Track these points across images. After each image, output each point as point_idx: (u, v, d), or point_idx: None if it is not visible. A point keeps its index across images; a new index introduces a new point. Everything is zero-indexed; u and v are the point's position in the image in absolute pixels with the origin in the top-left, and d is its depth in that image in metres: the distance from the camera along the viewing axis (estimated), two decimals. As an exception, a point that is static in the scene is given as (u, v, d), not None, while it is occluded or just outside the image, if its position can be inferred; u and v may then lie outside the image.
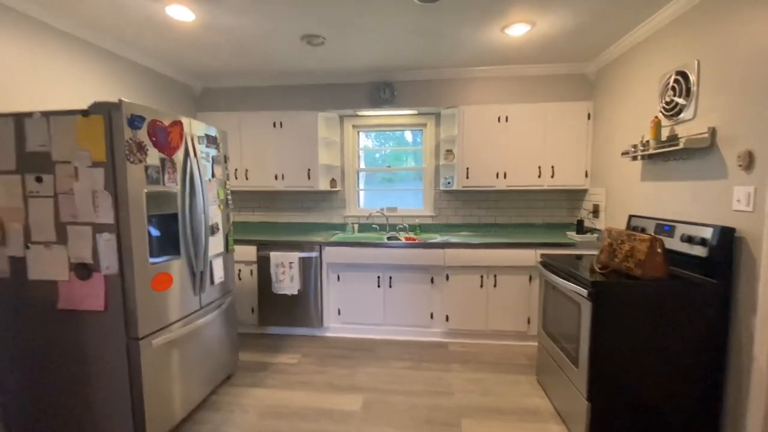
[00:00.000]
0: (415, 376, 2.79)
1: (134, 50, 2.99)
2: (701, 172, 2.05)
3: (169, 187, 2.07)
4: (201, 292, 2.37)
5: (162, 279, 2.03)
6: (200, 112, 3.82)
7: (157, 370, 2.00)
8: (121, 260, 1.86)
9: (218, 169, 2.54)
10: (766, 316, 1.66)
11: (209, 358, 2.45)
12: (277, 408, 2.40)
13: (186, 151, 2.20)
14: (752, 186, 1.73)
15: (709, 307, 1.85)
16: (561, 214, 3.81)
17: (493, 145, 3.48)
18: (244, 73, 3.59)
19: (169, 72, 3.44)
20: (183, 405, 2.20)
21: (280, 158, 3.70)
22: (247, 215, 4.18)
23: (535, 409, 2.37)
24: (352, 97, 3.69)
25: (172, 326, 2.12)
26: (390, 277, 3.40)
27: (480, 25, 2.55)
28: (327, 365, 2.95)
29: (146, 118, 1.90)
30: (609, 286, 1.88)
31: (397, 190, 4.15)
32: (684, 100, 2.16)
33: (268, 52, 3.03)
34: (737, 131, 1.82)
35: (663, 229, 2.22)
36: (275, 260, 3.39)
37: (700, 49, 2.08)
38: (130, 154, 1.82)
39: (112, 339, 1.90)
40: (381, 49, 3.00)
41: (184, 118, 2.19)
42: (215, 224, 2.49)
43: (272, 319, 3.52)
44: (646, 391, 1.90)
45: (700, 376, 1.88)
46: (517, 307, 3.28)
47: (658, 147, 2.26)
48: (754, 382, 1.71)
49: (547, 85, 3.47)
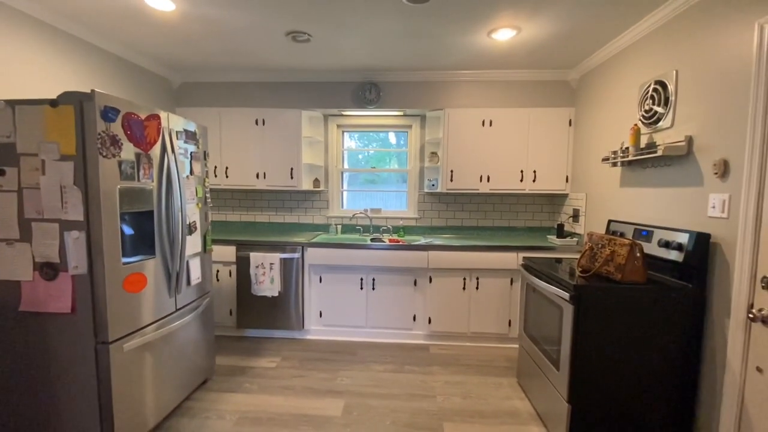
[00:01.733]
0: (397, 379, 2.76)
1: (109, 40, 2.86)
2: (678, 179, 2.11)
3: (144, 184, 1.98)
4: (177, 294, 2.27)
5: (135, 280, 1.93)
6: (179, 107, 3.69)
7: (128, 375, 1.91)
8: (91, 259, 1.76)
9: (197, 165, 2.46)
10: (739, 320, 1.71)
11: (184, 363, 2.36)
12: (254, 413, 2.33)
13: (163, 147, 2.11)
14: (727, 193, 1.79)
15: (685, 310, 1.90)
16: (542, 217, 3.87)
17: (477, 149, 3.50)
18: (226, 67, 3.50)
19: (146, 64, 3.31)
20: (156, 411, 2.11)
21: (262, 156, 3.61)
22: (226, 214, 4.07)
23: (516, 411, 2.38)
24: (337, 96, 3.64)
25: (146, 329, 2.02)
26: (373, 279, 3.37)
27: (467, 28, 2.56)
28: (307, 369, 2.89)
29: (121, 111, 1.81)
30: (590, 290, 1.90)
31: (381, 191, 4.12)
32: (662, 108, 2.22)
33: (251, 46, 2.96)
34: (713, 140, 1.88)
35: (641, 234, 2.27)
36: (255, 261, 3.30)
37: (678, 59, 2.14)
38: (102, 147, 1.73)
39: (80, 343, 1.80)
40: (368, 49, 2.97)
41: (162, 111, 2.10)
42: (193, 223, 2.40)
43: (251, 322, 3.43)
44: (625, 393, 1.93)
45: (676, 378, 1.92)
46: (498, 310, 3.30)
47: (637, 154, 2.32)
48: (727, 383, 1.77)
49: (531, 90, 3.52)
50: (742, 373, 1.70)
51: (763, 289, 1.61)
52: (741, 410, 1.71)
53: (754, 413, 1.64)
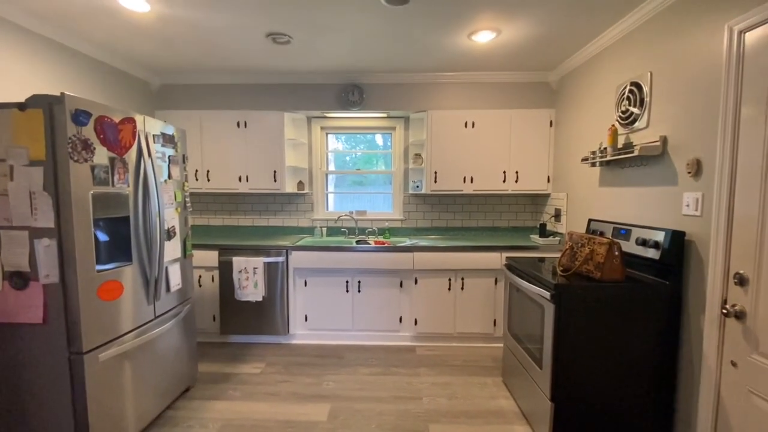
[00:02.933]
0: (383, 381, 2.75)
1: (84, 42, 2.78)
2: (654, 179, 2.16)
3: (119, 189, 1.93)
4: (156, 301, 2.22)
5: (110, 287, 1.88)
6: (158, 110, 3.62)
7: (104, 385, 1.85)
8: (63, 268, 1.71)
9: (175, 169, 2.41)
10: (713, 316, 1.75)
11: (165, 371, 2.31)
12: (238, 421, 2.28)
13: (139, 151, 2.06)
14: (700, 192, 1.83)
15: (662, 307, 1.94)
16: (525, 217, 3.91)
17: (461, 150, 3.52)
18: (206, 69, 3.44)
19: (124, 66, 3.24)
20: (135, 422, 2.05)
21: (244, 159, 3.57)
22: (209, 218, 4.00)
23: (501, 410, 2.39)
24: (320, 98, 3.62)
25: (123, 338, 1.97)
26: (359, 281, 3.35)
27: (448, 30, 2.57)
28: (293, 374, 2.86)
29: (93, 114, 1.76)
30: (571, 288, 1.93)
31: (365, 192, 4.11)
32: (638, 109, 2.27)
33: (231, 48, 2.92)
34: (686, 140, 1.93)
35: (620, 233, 2.31)
36: (238, 266, 3.25)
37: (652, 61, 2.19)
38: (73, 152, 1.68)
39: (53, 354, 1.74)
40: (349, 51, 2.96)
41: (138, 115, 2.05)
42: (172, 228, 2.35)
43: (235, 328, 3.37)
44: (606, 389, 1.96)
45: (655, 373, 1.96)
46: (483, 310, 3.32)
47: (614, 154, 2.36)
48: (704, 377, 1.81)
49: (512, 92, 3.56)
50: (717, 368, 1.75)
51: (736, 285, 1.65)
52: (717, 403, 1.75)
53: (729, 405, 1.69)
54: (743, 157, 1.62)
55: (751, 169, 1.58)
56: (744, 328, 1.62)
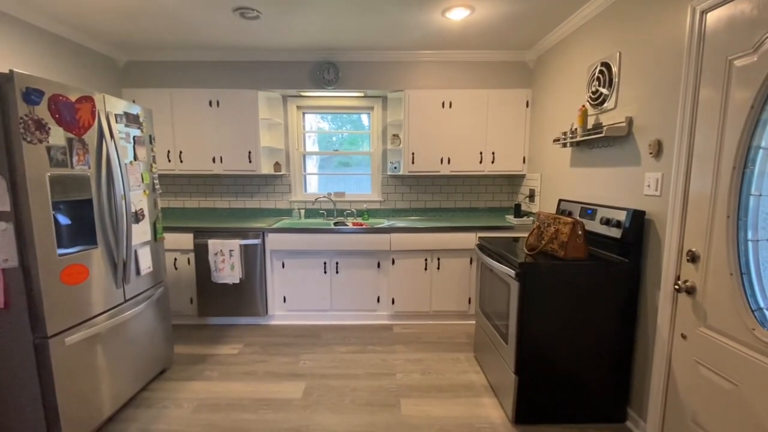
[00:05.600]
0: (359, 359, 2.81)
1: (42, 15, 2.63)
2: (620, 159, 2.20)
3: (79, 171, 1.87)
4: (125, 284, 2.20)
5: (74, 271, 1.85)
6: (126, 88, 3.48)
7: (73, 368, 1.85)
8: (22, 252, 1.67)
9: (141, 150, 2.34)
10: (667, 291, 1.83)
11: (138, 353, 2.31)
12: (214, 400, 2.32)
13: (100, 131, 2.00)
14: (660, 172, 1.88)
15: (622, 284, 2.01)
16: (502, 198, 3.96)
17: (438, 131, 3.51)
18: (175, 45, 3.31)
19: (87, 42, 3.09)
20: (109, 403, 2.07)
21: (217, 140, 3.49)
22: (184, 201, 3.93)
23: (471, 384, 2.48)
24: (294, 76, 3.53)
25: (91, 321, 1.96)
26: (336, 262, 3.37)
27: (421, 5, 2.51)
28: (270, 354, 2.90)
29: (46, 93, 1.69)
30: (534, 267, 1.98)
31: (343, 174, 4.08)
32: (607, 90, 2.29)
33: (197, 23, 2.80)
34: (649, 121, 1.96)
35: (587, 213, 2.36)
36: (214, 248, 3.23)
37: (621, 41, 2.19)
38: (26, 132, 1.62)
39: (17, 339, 1.72)
40: (321, 26, 2.88)
41: (97, 93, 1.98)
42: (139, 211, 2.31)
43: (213, 310, 3.38)
44: (568, 362, 2.05)
45: (614, 348, 2.05)
46: (459, 288, 3.39)
47: (584, 135, 2.39)
48: (657, 350, 1.90)
49: (490, 71, 3.53)
50: (669, 340, 1.84)
51: (688, 262, 1.72)
52: (668, 374, 1.85)
53: (679, 375, 1.78)
54: (700, 137, 1.66)
55: (707, 149, 1.63)
56: (694, 302, 1.70)
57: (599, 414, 2.10)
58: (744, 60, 1.46)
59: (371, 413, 2.20)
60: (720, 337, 1.57)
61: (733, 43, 1.51)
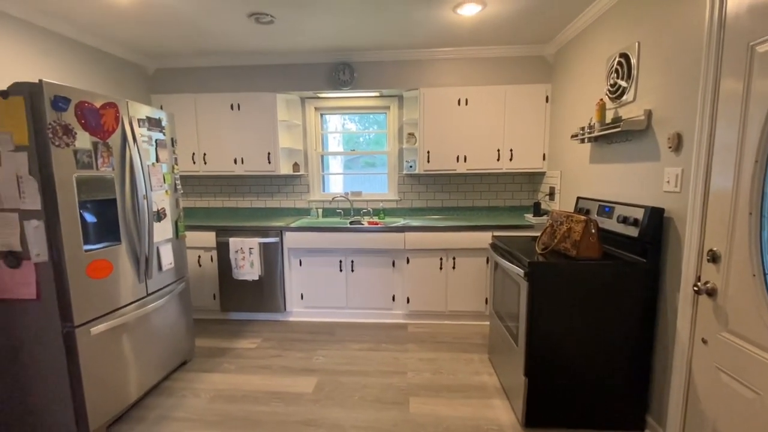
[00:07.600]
0: (372, 357, 2.83)
1: (76, 29, 2.83)
2: (638, 154, 2.09)
3: (103, 172, 2.00)
4: (147, 279, 2.33)
5: (99, 266, 1.98)
6: (154, 94, 3.68)
7: (97, 357, 1.98)
8: (52, 247, 1.81)
9: (163, 153, 2.47)
10: (687, 293, 1.73)
11: (160, 345, 2.44)
12: (229, 392, 2.41)
13: (123, 135, 2.12)
14: (680, 167, 1.78)
15: (639, 285, 1.92)
16: (522, 196, 3.86)
17: (454, 128, 3.47)
18: (197, 52, 3.46)
19: (119, 52, 3.29)
20: (131, 390, 2.20)
21: (239, 141, 3.62)
22: (209, 201, 4.10)
23: (482, 385, 2.44)
24: (310, 78, 3.61)
25: (115, 313, 2.09)
26: (352, 261, 3.41)
27: (430, 3, 2.50)
28: (286, 349, 2.97)
29: (72, 100, 1.82)
30: (544, 266, 1.92)
31: (358, 174, 4.12)
32: (626, 82, 2.18)
33: (213, 30, 2.92)
34: (669, 113, 1.86)
35: (604, 211, 2.27)
36: (234, 246, 3.35)
37: (640, 31, 2.09)
38: (54, 137, 1.75)
39: (47, 328, 1.86)
40: (335, 28, 2.92)
41: (121, 99, 2.11)
42: (161, 210, 2.44)
43: (234, 305, 3.50)
44: (580, 365, 1.97)
45: (630, 351, 1.96)
46: (475, 288, 3.34)
47: (601, 129, 2.29)
48: (677, 354, 1.80)
49: (506, 67, 3.46)
50: (690, 345, 1.73)
51: (708, 263, 1.62)
52: (689, 380, 1.74)
53: (699, 381, 1.68)
54: (720, 129, 1.56)
55: (728, 142, 1.52)
56: (715, 305, 1.59)
57: (615, 421, 2.01)
58: (767, 45, 1.36)
59: (379, 410, 2.21)
60: (742, 343, 1.46)
61: (755, 28, 1.40)
